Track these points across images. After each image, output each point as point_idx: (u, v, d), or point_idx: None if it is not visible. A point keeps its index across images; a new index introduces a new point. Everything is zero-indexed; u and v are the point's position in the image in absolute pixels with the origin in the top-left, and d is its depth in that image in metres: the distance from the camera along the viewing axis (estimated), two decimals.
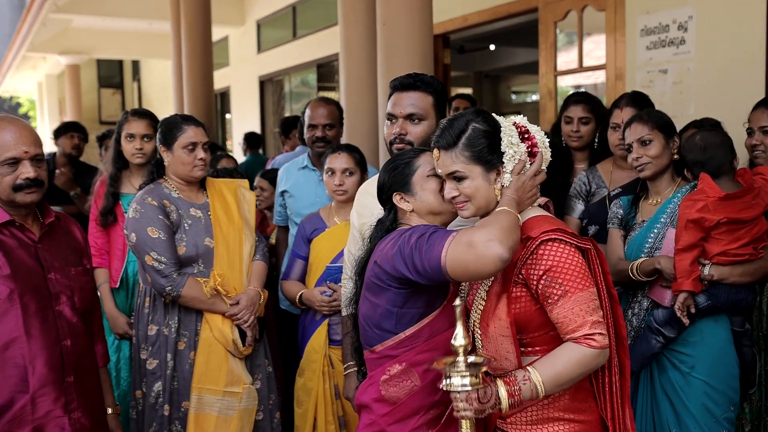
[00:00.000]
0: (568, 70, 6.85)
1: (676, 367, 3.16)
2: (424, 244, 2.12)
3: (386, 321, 2.26)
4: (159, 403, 3.37)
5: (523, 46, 12.10)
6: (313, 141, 4.28)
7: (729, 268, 3.10)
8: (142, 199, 3.37)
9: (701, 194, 3.10)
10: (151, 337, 3.40)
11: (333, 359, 3.59)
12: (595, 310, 2.08)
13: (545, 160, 2.27)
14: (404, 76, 2.91)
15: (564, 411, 2.18)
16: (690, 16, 5.23)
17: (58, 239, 2.75)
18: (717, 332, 3.14)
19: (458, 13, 7.55)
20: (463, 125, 2.21)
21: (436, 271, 2.10)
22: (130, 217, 3.35)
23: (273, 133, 12.96)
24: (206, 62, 8.67)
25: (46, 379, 2.54)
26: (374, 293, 2.28)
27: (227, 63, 14.18)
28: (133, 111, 4.19)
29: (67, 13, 12.31)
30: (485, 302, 2.23)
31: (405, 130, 2.83)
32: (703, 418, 3.08)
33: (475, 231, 2.07)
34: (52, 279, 2.63)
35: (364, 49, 5.17)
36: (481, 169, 2.19)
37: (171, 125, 3.50)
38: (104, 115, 21.60)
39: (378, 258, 2.25)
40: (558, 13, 6.42)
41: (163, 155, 3.48)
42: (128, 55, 18.28)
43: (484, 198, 2.21)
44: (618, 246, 3.33)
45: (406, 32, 4.26)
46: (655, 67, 5.52)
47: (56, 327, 2.60)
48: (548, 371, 2.07)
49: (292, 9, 11.59)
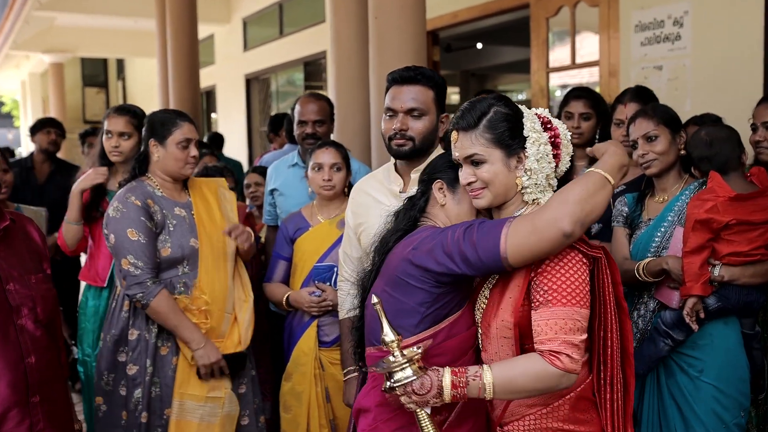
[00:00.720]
0: (560, 66, 6.81)
1: (684, 371, 3.09)
2: (475, 234, 2.03)
3: (407, 319, 2.14)
4: (138, 410, 3.24)
5: (510, 44, 12.19)
6: (303, 138, 4.18)
7: (740, 269, 3.03)
8: (125, 198, 3.25)
9: (711, 193, 3.03)
10: (131, 342, 3.27)
11: (323, 361, 3.51)
12: (573, 331, 1.96)
13: (568, 153, 2.20)
14: (403, 69, 2.81)
15: (564, 422, 2.10)
16: (686, 12, 5.20)
17: (14, 245, 2.50)
18: (727, 335, 3.08)
19: (448, 10, 7.51)
20: (486, 107, 2.15)
21: (494, 260, 2.01)
22: (111, 216, 3.21)
23: (259, 132, 12.92)
24: (192, 60, 8.62)
25: (9, 401, 2.34)
26: (400, 290, 2.16)
27: (213, 61, 14.12)
28: (115, 108, 4.07)
29: (51, 11, 12.21)
30: (488, 300, 2.15)
31: (406, 125, 2.75)
32: (713, 424, 3.02)
33: (541, 209, 2.01)
34: (11, 290, 2.40)
35: (355, 45, 5.14)
36: (502, 154, 2.12)
37: (165, 119, 3.39)
38: (88, 114, 21.50)
39: (411, 256, 2.14)
40: (550, 9, 6.38)
41: (153, 150, 3.36)
42: (113, 53, 18.21)
43: (503, 185, 2.13)
44: (623, 245, 3.26)
45: (398, 26, 4.20)
46: (650, 63, 5.48)
47: (18, 343, 2.38)
48: (503, 375, 1.97)
49: (278, 7, 11.56)
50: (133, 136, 3.93)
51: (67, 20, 13.58)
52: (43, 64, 18.13)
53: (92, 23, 13.88)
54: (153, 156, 3.36)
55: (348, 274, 3.08)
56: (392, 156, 2.88)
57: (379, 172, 3.07)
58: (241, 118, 13.18)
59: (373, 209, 2.89)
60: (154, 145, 3.35)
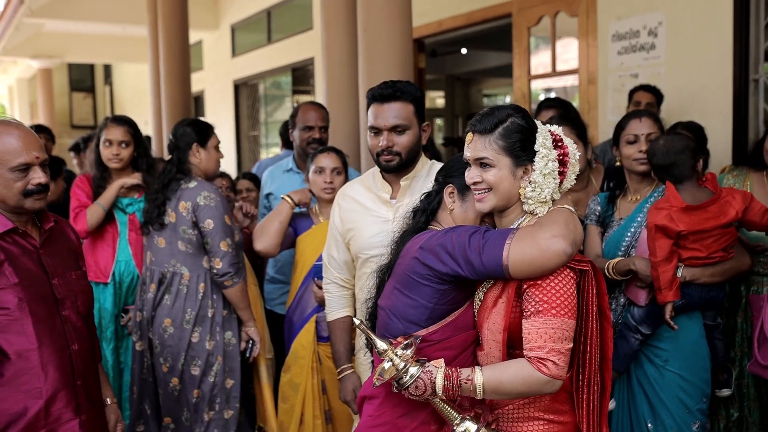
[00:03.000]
0: (541, 74, 6.98)
1: (651, 361, 3.24)
2: (480, 241, 2.15)
3: (416, 314, 2.26)
4: (216, 383, 3.74)
5: (494, 49, 12.19)
6: (308, 142, 4.40)
7: (700, 270, 3.17)
8: (213, 188, 3.73)
9: (666, 203, 3.15)
10: (207, 320, 3.74)
11: (321, 355, 3.65)
12: (561, 340, 2.07)
13: (574, 172, 2.30)
14: (381, 87, 2.92)
15: (544, 411, 2.23)
16: (660, 22, 5.38)
17: (57, 244, 2.74)
18: (691, 327, 3.24)
19: (433, 18, 7.65)
20: (504, 116, 2.24)
21: (496, 268, 2.13)
22: (204, 205, 3.64)
23: (248, 137, 12.97)
24: (184, 66, 8.70)
25: (58, 384, 2.56)
26: (408, 287, 2.27)
27: (201, 67, 14.14)
28: (112, 117, 4.28)
29: (42, 18, 12.23)
30: (482, 303, 2.26)
31: (392, 141, 2.87)
32: (677, 409, 3.18)
33: (537, 228, 2.12)
34: (56, 284, 2.63)
35: (345, 54, 5.23)
36: (510, 162, 2.21)
37: (204, 126, 3.88)
38: (76, 119, 21.43)
39: (419, 254, 2.25)
40: (531, 19, 6.54)
41: (196, 153, 3.81)
42: (101, 58, 18.12)
43: (507, 191, 2.23)
44: (596, 243, 3.39)
45: (386, 39, 4.34)
46: (627, 71, 5.66)
47: (64, 332, 2.62)
48: (494, 378, 2.09)
49: (267, 14, 11.63)
50: (130, 144, 4.17)
51: (55, 26, 13.54)
52: (31, 69, 18.09)
53: (81, 29, 13.80)
54: (196, 158, 3.82)
55: (334, 276, 3.18)
56: (381, 170, 3.00)
57: (365, 178, 3.16)
58: (229, 124, 13.24)
59: (362, 215, 3.02)
60: (197, 149, 3.78)
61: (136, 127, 4.24)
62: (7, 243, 2.55)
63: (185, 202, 3.66)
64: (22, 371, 2.51)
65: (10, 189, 2.53)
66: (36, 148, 2.57)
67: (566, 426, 2.24)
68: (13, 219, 2.60)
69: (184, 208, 3.66)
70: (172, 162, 3.79)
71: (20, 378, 2.50)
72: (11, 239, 2.58)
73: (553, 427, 2.23)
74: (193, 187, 3.68)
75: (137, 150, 4.20)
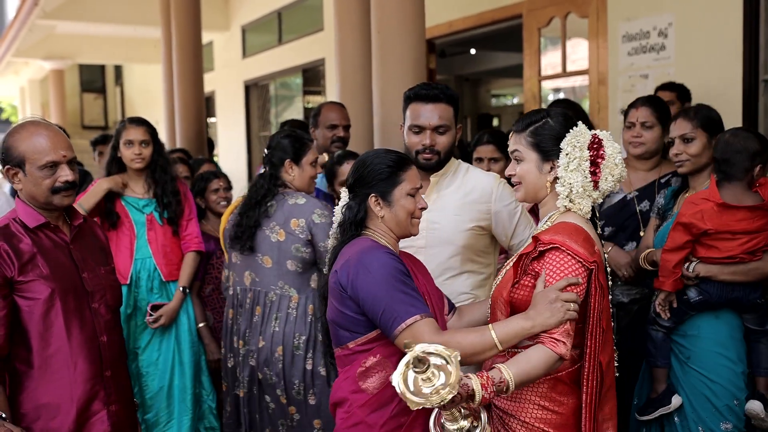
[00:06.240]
0: (552, 74, 7.03)
1: (676, 356, 3.27)
2: (390, 295, 2.27)
3: (353, 325, 2.38)
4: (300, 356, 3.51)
5: (503, 50, 12.19)
6: (332, 141, 4.54)
7: (718, 267, 3.13)
8: (324, 205, 3.55)
9: (702, 197, 3.13)
10: (318, 345, 3.52)
11: None
12: (570, 323, 2.22)
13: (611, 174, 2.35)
14: (424, 87, 3.03)
15: (541, 398, 2.32)
16: (669, 23, 5.41)
17: (86, 240, 2.86)
18: (717, 328, 3.19)
19: (444, 20, 7.68)
20: (539, 117, 2.43)
21: (387, 331, 2.28)
22: (319, 223, 3.47)
23: (258, 137, 13.02)
24: (196, 67, 8.76)
25: (87, 374, 2.66)
26: (337, 300, 2.40)
27: (212, 68, 14.16)
28: (129, 119, 4.35)
29: (55, 19, 12.33)
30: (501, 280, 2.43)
31: (434, 141, 2.99)
32: (703, 407, 3.17)
33: (445, 334, 2.28)
34: (86, 278, 2.74)
35: (358, 55, 5.32)
36: (537, 157, 2.40)
37: (301, 141, 3.67)
38: (86, 119, 21.59)
39: (342, 276, 2.37)
40: (542, 20, 6.58)
41: (289, 171, 3.62)
42: (112, 59, 18.24)
43: (533, 184, 2.43)
44: (649, 235, 3.47)
45: (399, 40, 4.40)
46: (637, 71, 5.70)
47: (93, 324, 2.72)
48: (521, 372, 2.17)
49: (277, 15, 11.67)
50: (150, 144, 4.24)
51: (67, 28, 13.63)
52: (43, 70, 18.21)
53: (92, 30, 13.86)
54: (289, 175, 3.63)
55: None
56: (419, 168, 3.02)
57: None
58: (240, 124, 13.28)
59: None
60: (290, 166, 3.62)
61: (152, 127, 4.33)
62: (39, 237, 2.68)
63: (297, 220, 3.49)
64: (52, 361, 2.59)
65: (39, 186, 2.65)
66: (63, 147, 2.69)
67: (561, 417, 2.32)
68: (45, 215, 2.71)
69: (297, 225, 3.48)
70: (264, 177, 3.66)
71: (50, 368, 2.59)
72: (43, 233, 2.70)
73: (547, 414, 2.32)
74: (302, 203, 3.52)
75: (155, 149, 4.27)
